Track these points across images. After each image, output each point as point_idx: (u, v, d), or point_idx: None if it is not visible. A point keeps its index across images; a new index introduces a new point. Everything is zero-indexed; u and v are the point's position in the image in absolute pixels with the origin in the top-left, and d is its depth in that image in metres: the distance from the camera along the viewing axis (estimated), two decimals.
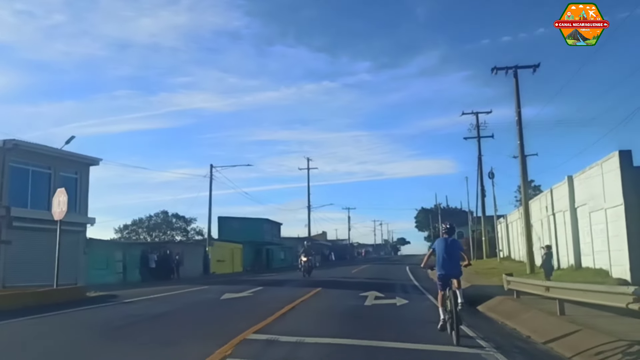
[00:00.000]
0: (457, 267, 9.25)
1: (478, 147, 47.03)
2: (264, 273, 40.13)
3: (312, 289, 17.92)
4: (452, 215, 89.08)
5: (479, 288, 19.64)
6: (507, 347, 8.16)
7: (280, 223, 59.03)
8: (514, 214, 40.65)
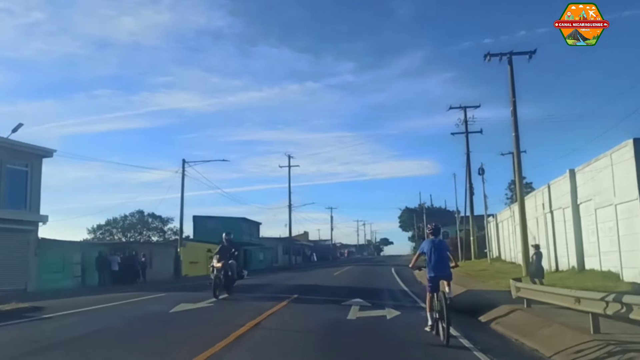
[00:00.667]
0: (447, 268, 9.25)
1: (466, 142, 44.94)
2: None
3: (285, 297, 15.38)
4: (437, 215, 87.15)
5: (476, 294, 17.31)
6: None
7: (259, 222, 56.51)
8: (504, 213, 38.60)
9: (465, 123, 44.98)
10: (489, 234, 43.60)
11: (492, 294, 16.74)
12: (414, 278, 27.65)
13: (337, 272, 34.83)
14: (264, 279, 28.54)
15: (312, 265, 58.92)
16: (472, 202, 44.45)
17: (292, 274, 34.96)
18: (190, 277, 36.98)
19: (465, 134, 45.06)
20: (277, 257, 65.34)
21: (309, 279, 27.15)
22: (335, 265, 52.54)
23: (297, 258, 72.43)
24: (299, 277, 28.86)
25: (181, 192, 38.65)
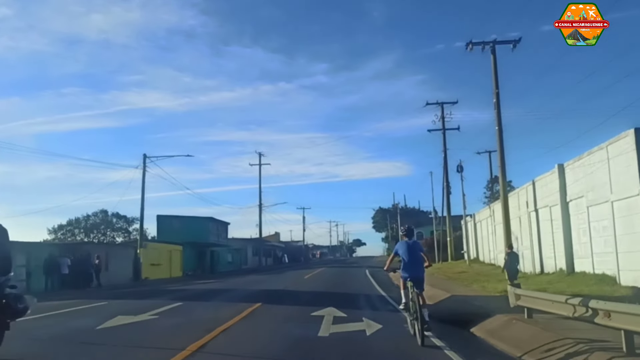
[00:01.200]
0: (421, 269, 9.43)
1: (443, 139, 43.50)
2: (205, 278, 35.03)
3: (246, 306, 13.22)
4: (411, 215, 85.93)
5: (463, 300, 15.47)
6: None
7: (228, 223, 53.90)
8: (483, 212, 37.14)
9: (442, 119, 43.57)
10: (467, 234, 42.14)
11: (481, 300, 14.95)
12: (390, 281, 25.85)
13: (309, 274, 32.76)
14: (228, 283, 26.31)
15: (283, 267, 56.70)
16: (449, 201, 43.06)
17: (260, 277, 32.78)
18: (151, 281, 34.48)
19: (442, 130, 43.61)
20: (247, 258, 62.84)
21: (277, 282, 25.04)
22: (307, 267, 50.45)
23: (267, 260, 70.06)
24: (266, 281, 26.73)
25: (142, 189, 36.08)
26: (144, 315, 11.46)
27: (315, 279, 28.16)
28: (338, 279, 27.76)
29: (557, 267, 21.90)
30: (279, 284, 23.15)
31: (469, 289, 19.17)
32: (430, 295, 18.83)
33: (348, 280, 27.25)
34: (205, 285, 25.13)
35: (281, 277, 31.85)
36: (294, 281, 25.75)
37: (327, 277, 30.15)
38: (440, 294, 17.54)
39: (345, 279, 27.76)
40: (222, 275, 42.27)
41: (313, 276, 31.00)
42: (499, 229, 32.04)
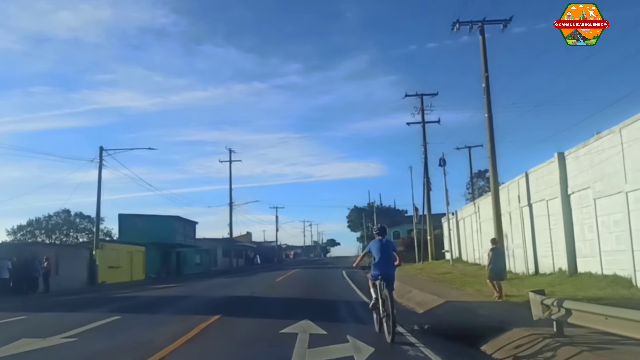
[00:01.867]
0: (392, 267, 9.36)
1: (423, 132, 41.36)
2: (168, 282, 32.08)
3: (200, 320, 10.55)
4: (387, 214, 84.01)
5: (461, 307, 13.08)
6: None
7: (196, 222, 50.72)
8: (467, 209, 35.06)
9: (422, 111, 41.42)
10: (450, 233, 40.06)
11: (483, 307, 12.62)
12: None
13: (281, 276, 30.10)
14: (190, 288, 23.51)
15: (255, 269, 53.85)
16: (429, 198, 40.97)
17: (228, 280, 30.02)
18: (107, 285, 31.37)
19: (421, 123, 41.48)
20: (217, 259, 59.69)
21: (245, 287, 22.33)
22: (280, 268, 47.78)
23: (238, 261, 67.01)
24: (233, 285, 24.05)
25: (98, 184, 32.79)
26: (59, 337, 8.67)
27: (288, 282, 25.56)
28: (313, 282, 25.24)
29: (555, 267, 19.80)
30: (247, 289, 20.46)
31: (463, 292, 16.86)
32: (420, 301, 16.45)
33: (324, 283, 24.76)
34: (162, 291, 22.30)
35: (251, 280, 29.18)
36: (264, 285, 23.09)
37: (301, 279, 27.59)
38: (431, 300, 15.17)
39: (321, 282, 25.27)
40: (188, 278, 39.25)
41: (286, 279, 28.39)
42: (485, 227, 30.01)
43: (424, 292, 17.29)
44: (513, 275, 22.20)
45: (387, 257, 9.21)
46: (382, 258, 9.13)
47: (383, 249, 9.21)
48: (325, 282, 24.96)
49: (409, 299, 16.86)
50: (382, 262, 9.15)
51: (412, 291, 18.13)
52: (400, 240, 66.88)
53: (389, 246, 9.47)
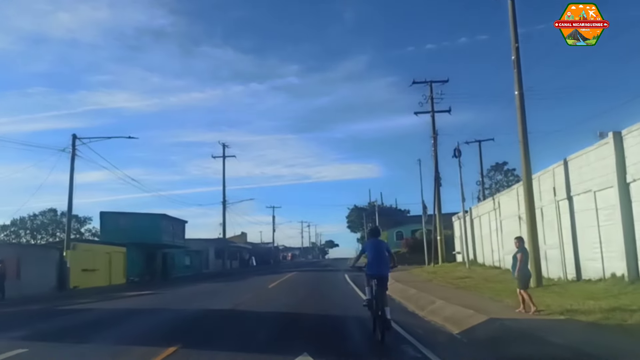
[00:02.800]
0: (386, 268, 9.41)
1: (432, 122, 37.76)
2: (148, 287, 28.50)
3: (147, 356, 6.96)
4: (388, 214, 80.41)
5: (516, 329, 9.44)
6: None
7: (185, 221, 47.03)
8: (484, 206, 31.45)
9: (431, 100, 37.84)
10: (462, 233, 36.45)
11: (547, 329, 9.16)
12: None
13: (275, 282, 26.46)
14: (165, 297, 19.90)
15: (249, 272, 50.18)
16: (439, 194, 37.39)
17: (215, 286, 26.45)
18: (81, 291, 27.80)
19: (431, 113, 37.91)
20: (208, 261, 55.94)
21: (231, 295, 18.69)
22: (276, 272, 44.11)
23: (232, 262, 63.32)
24: (218, 292, 20.50)
25: (70, 175, 29.07)
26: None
27: (283, 288, 21.95)
28: (312, 289, 21.65)
29: (606, 271, 16.18)
30: (232, 299, 16.78)
31: (502, 304, 13.27)
32: (450, 316, 12.68)
33: (326, 290, 21.19)
34: (130, 301, 18.69)
35: (240, 285, 25.61)
36: (254, 293, 19.43)
37: (299, 285, 24.00)
38: (467, 316, 11.54)
39: (322, 289, 21.68)
40: (174, 281, 35.69)
41: (280, 284, 24.80)
42: (507, 225, 26.46)
43: (452, 303, 13.72)
44: (548, 282, 18.67)
45: (380, 258, 9.26)
46: (375, 258, 9.21)
47: (376, 250, 9.30)
48: (327, 289, 21.38)
49: (433, 312, 13.31)
50: (376, 263, 9.22)
51: (435, 302, 14.58)
52: (403, 241, 63.21)
53: (383, 247, 9.52)
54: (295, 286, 22.92)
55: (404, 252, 62.75)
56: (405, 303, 15.86)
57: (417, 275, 27.66)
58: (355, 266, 10.73)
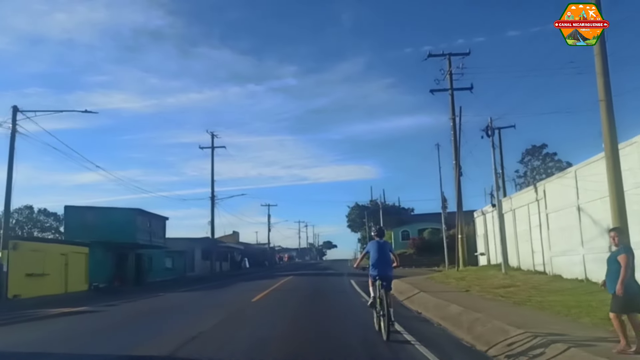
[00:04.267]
0: (389, 268, 9.57)
1: (451, 102, 32.20)
2: (108, 298, 22.86)
3: None
4: (392, 212, 74.79)
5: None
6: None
7: (166, 217, 41.25)
8: (520, 197, 25.70)
9: (450, 75, 32.27)
10: (487, 230, 30.82)
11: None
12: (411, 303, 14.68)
13: (264, 291, 20.60)
14: (105, 316, 14.20)
15: (239, 275, 44.31)
16: (460, 185, 31.76)
17: (183, 297, 20.79)
18: (20, 301, 22.17)
19: (449, 90, 32.34)
20: (194, 263, 50.12)
21: (186, 320, 12.66)
22: (269, 276, 38.36)
23: (222, 264, 57.60)
24: (173, 313, 14.67)
25: (9, 154, 23.31)
26: None
27: (270, 305, 16.09)
28: (311, 304, 15.85)
29: None
30: (186, 327, 10.81)
31: (584, 328, 7.82)
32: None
33: (330, 303, 15.53)
34: (37, 327, 12.91)
35: (217, 297, 19.91)
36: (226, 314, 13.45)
37: (292, 298, 18.21)
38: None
39: (325, 303, 15.91)
40: (147, 288, 30.02)
41: (269, 296, 19.07)
42: (556, 220, 20.85)
43: (536, 330, 8.23)
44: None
45: (384, 258, 9.42)
46: (379, 259, 9.36)
47: (380, 250, 9.47)
48: (332, 302, 15.66)
49: (516, 353, 7.82)
50: (380, 263, 9.35)
51: (507, 330, 9.03)
52: (410, 241, 57.54)
53: (386, 247, 9.73)
54: (288, 300, 17.05)
55: (410, 253, 57.17)
56: (450, 329, 10.31)
57: (443, 281, 22.10)
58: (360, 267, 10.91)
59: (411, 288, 19.72)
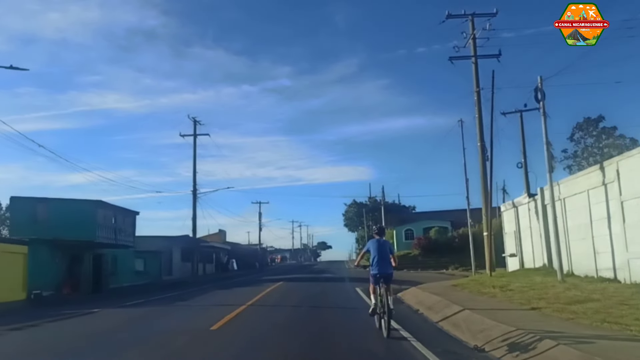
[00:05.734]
0: (390, 266, 9.56)
1: (474, 71, 26.57)
2: (53, 307, 17.12)
3: None
4: (392, 210, 69.41)
5: None
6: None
7: (136, 212, 35.36)
8: (576, 180, 19.90)
9: (473, 40, 26.50)
10: (519, 226, 25.18)
11: None
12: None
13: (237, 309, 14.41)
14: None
15: (221, 279, 38.25)
16: (486, 171, 26.08)
17: (113, 318, 14.93)
18: None
19: (472, 58, 26.68)
20: (171, 265, 44.09)
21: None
22: (255, 281, 32.48)
23: (206, 266, 51.78)
24: (81, 352, 9.05)
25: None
26: None
27: (239, 335, 10.32)
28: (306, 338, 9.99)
29: None
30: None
31: None
32: None
33: (335, 336, 9.79)
34: None
35: (164, 317, 13.83)
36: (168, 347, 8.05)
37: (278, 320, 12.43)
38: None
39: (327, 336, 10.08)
40: (106, 296, 24.39)
41: (242, 316, 13.14)
42: (637, 210, 15.50)
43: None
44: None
45: (384, 257, 9.43)
46: (380, 257, 9.36)
47: (381, 249, 9.48)
48: (340, 341, 9.76)
49: None
50: (380, 261, 9.35)
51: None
52: (415, 241, 51.88)
53: (386, 246, 9.75)
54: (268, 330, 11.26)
55: (415, 254, 51.63)
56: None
57: (480, 291, 16.46)
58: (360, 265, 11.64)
59: (443, 301, 14.18)
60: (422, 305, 14.87)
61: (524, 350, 7.44)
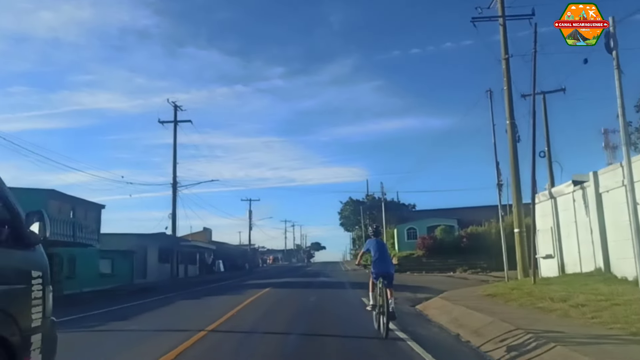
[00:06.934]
0: (391, 266, 9.65)
1: (502, 33, 22.08)
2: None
3: None
4: (391, 208, 64.96)
5: None
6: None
7: (102, 205, 30.63)
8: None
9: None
10: (558, 221, 20.56)
11: None
12: None
13: (188, 340, 9.91)
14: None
15: (200, 283, 33.40)
16: (516, 154, 21.50)
17: None
18: None
19: (499, 19, 22.16)
20: (146, 266, 39.14)
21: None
22: (237, 286, 27.76)
23: (188, 268, 46.97)
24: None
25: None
26: None
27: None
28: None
29: None
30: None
31: None
32: None
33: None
34: None
35: (80, 351, 9.38)
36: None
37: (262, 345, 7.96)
38: None
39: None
40: (78, 301, 19.67)
41: (198, 349, 8.76)
42: None
43: None
44: None
45: (385, 256, 9.50)
46: (380, 257, 9.36)
47: (381, 248, 9.51)
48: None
49: None
50: (382, 261, 9.35)
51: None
52: (419, 241, 47.27)
53: (385, 246, 10.04)
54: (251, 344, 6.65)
55: (419, 255, 47.10)
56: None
57: (534, 304, 12.03)
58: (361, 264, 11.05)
59: (495, 322, 9.95)
60: (463, 329, 10.25)
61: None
